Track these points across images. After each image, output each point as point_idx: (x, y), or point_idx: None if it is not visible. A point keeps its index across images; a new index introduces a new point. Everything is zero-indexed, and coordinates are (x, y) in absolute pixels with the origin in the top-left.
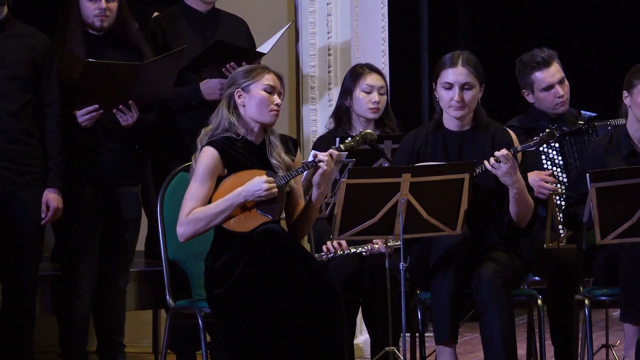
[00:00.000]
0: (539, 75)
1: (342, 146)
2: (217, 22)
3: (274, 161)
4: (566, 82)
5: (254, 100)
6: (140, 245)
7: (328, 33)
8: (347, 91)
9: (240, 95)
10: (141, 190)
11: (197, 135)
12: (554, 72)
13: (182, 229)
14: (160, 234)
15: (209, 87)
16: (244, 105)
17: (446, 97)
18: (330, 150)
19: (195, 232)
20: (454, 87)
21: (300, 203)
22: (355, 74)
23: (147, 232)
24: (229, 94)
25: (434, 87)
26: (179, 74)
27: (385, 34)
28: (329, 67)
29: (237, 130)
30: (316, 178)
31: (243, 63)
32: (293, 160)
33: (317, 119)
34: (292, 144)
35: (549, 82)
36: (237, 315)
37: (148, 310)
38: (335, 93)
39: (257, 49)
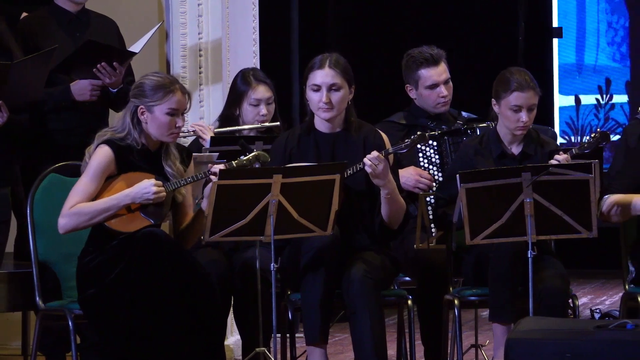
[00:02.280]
0: (425, 72)
1: (234, 163)
2: (87, 22)
3: (168, 169)
4: (450, 84)
5: (156, 122)
6: (10, 247)
7: (199, 34)
8: (235, 101)
9: (144, 112)
10: (10, 191)
11: (98, 130)
12: (440, 72)
13: (64, 221)
14: (30, 235)
15: (79, 88)
16: (146, 122)
17: (315, 99)
18: (225, 164)
19: (77, 226)
20: (322, 89)
21: (189, 213)
22: (244, 84)
23: (17, 234)
24: (134, 106)
25: (304, 90)
26: (49, 75)
27: (256, 35)
28: (199, 68)
29: (136, 138)
30: (207, 190)
31: (114, 63)
32: (185, 171)
33: (188, 120)
34: (186, 155)
35: (435, 81)
36: (110, 316)
37: (17, 312)
38: (205, 93)
39: (128, 49)
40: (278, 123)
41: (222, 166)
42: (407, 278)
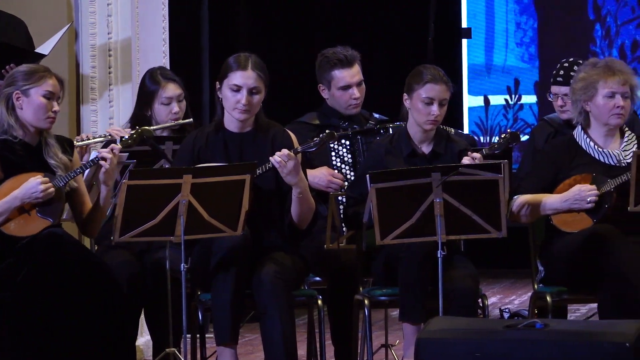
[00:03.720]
0: (338, 73)
1: (119, 144)
2: None
3: (51, 161)
4: (363, 86)
5: (32, 106)
6: None
7: (108, 34)
8: (146, 102)
9: (19, 97)
10: None
11: None
12: (354, 73)
13: None
14: None
15: None
16: (22, 108)
17: (232, 100)
18: (112, 145)
19: None
20: (242, 90)
21: (87, 202)
22: (153, 83)
23: None
24: (8, 94)
25: (219, 87)
26: None
27: (166, 35)
28: (109, 68)
29: (14, 132)
30: (101, 176)
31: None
32: (71, 160)
33: (98, 120)
34: (68, 145)
35: (347, 82)
36: (19, 319)
37: None
38: (115, 93)
39: (37, 50)
40: (191, 120)
41: (112, 145)
42: (318, 278)
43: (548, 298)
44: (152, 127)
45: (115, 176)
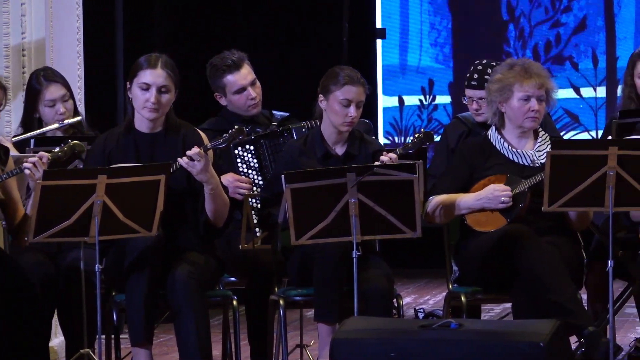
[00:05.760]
0: (230, 78)
1: (49, 155)
2: None
3: None
4: (258, 84)
5: None
6: None
7: (22, 34)
8: (32, 105)
9: None
10: None
11: None
12: (245, 75)
13: None
14: None
15: None
16: None
17: (142, 98)
18: (41, 153)
19: None
20: (151, 89)
21: (20, 209)
22: (36, 85)
23: None
24: None
25: (129, 86)
26: None
27: (80, 35)
28: (22, 68)
29: None
30: (31, 184)
31: None
32: (4, 170)
33: (12, 120)
34: (3, 153)
35: (241, 85)
36: None
37: None
38: None
39: None
40: (79, 118)
41: (42, 154)
42: (233, 278)
43: (462, 298)
44: (41, 130)
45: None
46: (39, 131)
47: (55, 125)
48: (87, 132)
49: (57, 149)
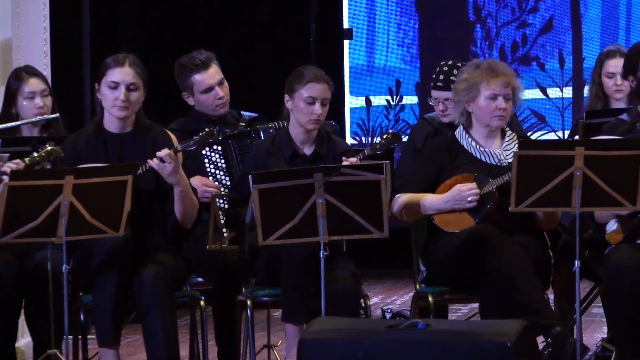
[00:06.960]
0: (198, 77)
1: (26, 160)
2: None
3: None
4: (225, 84)
5: None
6: None
7: None
8: (10, 100)
9: None
10: None
11: None
12: (212, 74)
13: None
14: None
15: None
16: None
17: (111, 97)
18: (17, 160)
19: None
20: (120, 87)
21: None
22: (16, 80)
23: None
24: None
25: (97, 87)
26: None
27: (47, 35)
28: None
29: None
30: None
31: None
32: None
33: None
34: None
35: (209, 84)
36: None
37: None
38: None
39: None
40: (57, 115)
41: (13, 164)
42: (200, 279)
43: (430, 298)
44: (16, 123)
45: None
46: (15, 123)
47: (33, 120)
48: (63, 133)
49: (35, 154)
